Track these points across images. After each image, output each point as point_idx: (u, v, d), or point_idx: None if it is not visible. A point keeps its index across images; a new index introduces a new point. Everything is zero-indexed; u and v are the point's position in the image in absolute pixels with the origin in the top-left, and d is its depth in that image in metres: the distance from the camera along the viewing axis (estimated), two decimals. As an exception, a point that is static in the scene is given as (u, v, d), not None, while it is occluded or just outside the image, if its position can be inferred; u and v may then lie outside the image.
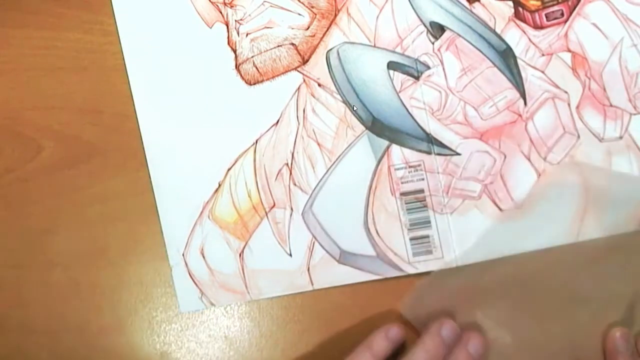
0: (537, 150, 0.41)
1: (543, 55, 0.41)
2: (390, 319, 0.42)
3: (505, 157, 0.41)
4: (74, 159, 0.44)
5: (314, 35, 0.42)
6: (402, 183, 0.42)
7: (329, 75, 0.42)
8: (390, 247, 0.42)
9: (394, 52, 0.42)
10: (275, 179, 0.43)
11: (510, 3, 0.41)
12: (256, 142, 0.43)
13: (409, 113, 0.42)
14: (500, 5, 0.41)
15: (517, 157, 0.41)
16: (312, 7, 0.42)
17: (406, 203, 0.42)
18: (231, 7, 0.43)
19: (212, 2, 0.43)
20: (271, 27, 0.43)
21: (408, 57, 0.42)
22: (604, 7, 0.40)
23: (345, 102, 0.42)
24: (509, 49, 0.41)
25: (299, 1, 0.43)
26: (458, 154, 0.41)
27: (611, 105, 0.41)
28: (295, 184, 0.43)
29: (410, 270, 0.42)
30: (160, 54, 0.43)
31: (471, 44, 0.41)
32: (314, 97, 0.42)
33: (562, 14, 0.41)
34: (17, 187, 0.44)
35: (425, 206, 0.42)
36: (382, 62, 0.42)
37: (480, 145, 0.41)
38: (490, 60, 0.41)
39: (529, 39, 0.41)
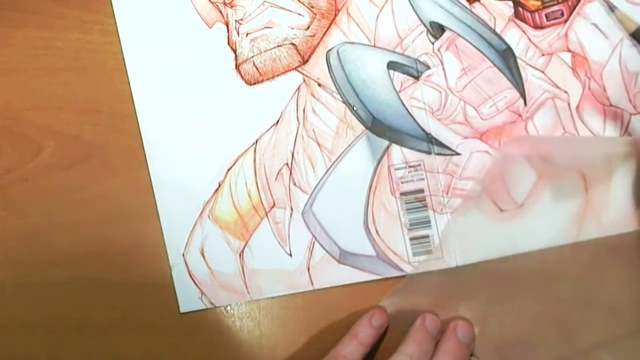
0: (537, 150, 0.41)
1: (543, 55, 0.41)
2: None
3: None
4: (74, 159, 0.44)
5: (313, 35, 0.42)
6: (402, 183, 0.42)
7: (329, 75, 0.42)
8: (390, 247, 0.42)
9: (394, 52, 0.42)
10: (275, 179, 0.43)
11: (510, 3, 0.41)
12: (256, 142, 0.43)
13: (409, 113, 0.42)
14: (500, 5, 0.41)
15: (517, 157, 0.41)
16: (312, 7, 0.42)
17: (406, 203, 0.42)
18: (231, 7, 0.43)
19: (212, 2, 0.43)
20: (271, 27, 0.43)
21: (408, 57, 0.42)
22: (604, 7, 0.40)
23: (345, 102, 0.42)
24: (508, 49, 0.41)
25: (299, 1, 0.43)
26: (458, 154, 0.41)
27: (611, 105, 0.41)
28: (295, 184, 0.43)
29: (410, 270, 0.42)
30: (160, 54, 0.43)
31: (471, 44, 0.41)
32: (314, 97, 0.42)
33: (562, 14, 0.41)
34: (17, 187, 0.44)
35: (425, 206, 0.42)
36: (382, 62, 0.42)
37: (480, 145, 0.41)
38: (490, 60, 0.41)
39: (529, 39, 0.41)
